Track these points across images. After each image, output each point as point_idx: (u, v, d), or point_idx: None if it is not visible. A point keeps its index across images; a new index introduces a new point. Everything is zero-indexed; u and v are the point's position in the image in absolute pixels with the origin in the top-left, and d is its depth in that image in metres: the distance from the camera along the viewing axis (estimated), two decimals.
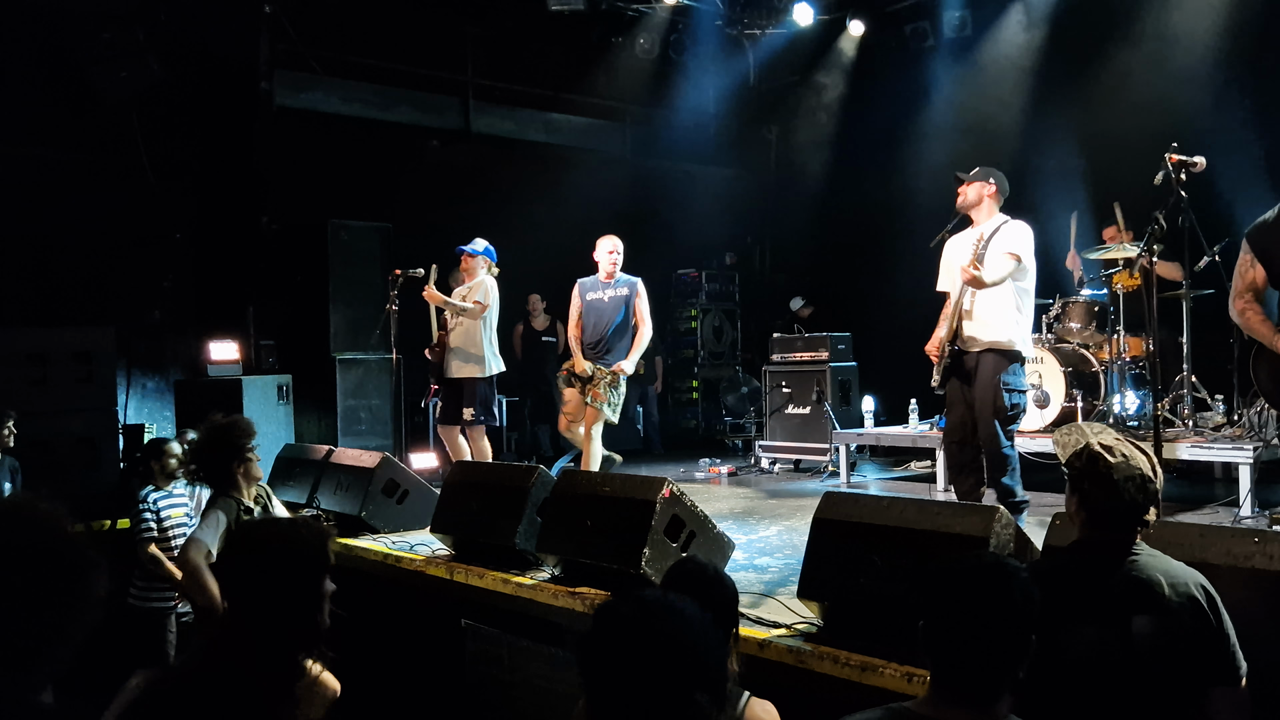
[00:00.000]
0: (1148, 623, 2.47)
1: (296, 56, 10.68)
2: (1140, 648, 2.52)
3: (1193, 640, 2.57)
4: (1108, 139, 10.06)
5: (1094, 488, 2.67)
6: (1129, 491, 2.64)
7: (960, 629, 2.22)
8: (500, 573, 5.61)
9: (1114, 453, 2.67)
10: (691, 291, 14.10)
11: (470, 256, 8.35)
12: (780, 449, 10.52)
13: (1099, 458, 2.66)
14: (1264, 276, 4.42)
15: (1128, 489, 2.64)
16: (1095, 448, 2.68)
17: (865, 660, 3.78)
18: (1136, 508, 2.66)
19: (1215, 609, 2.62)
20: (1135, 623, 2.55)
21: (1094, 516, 2.72)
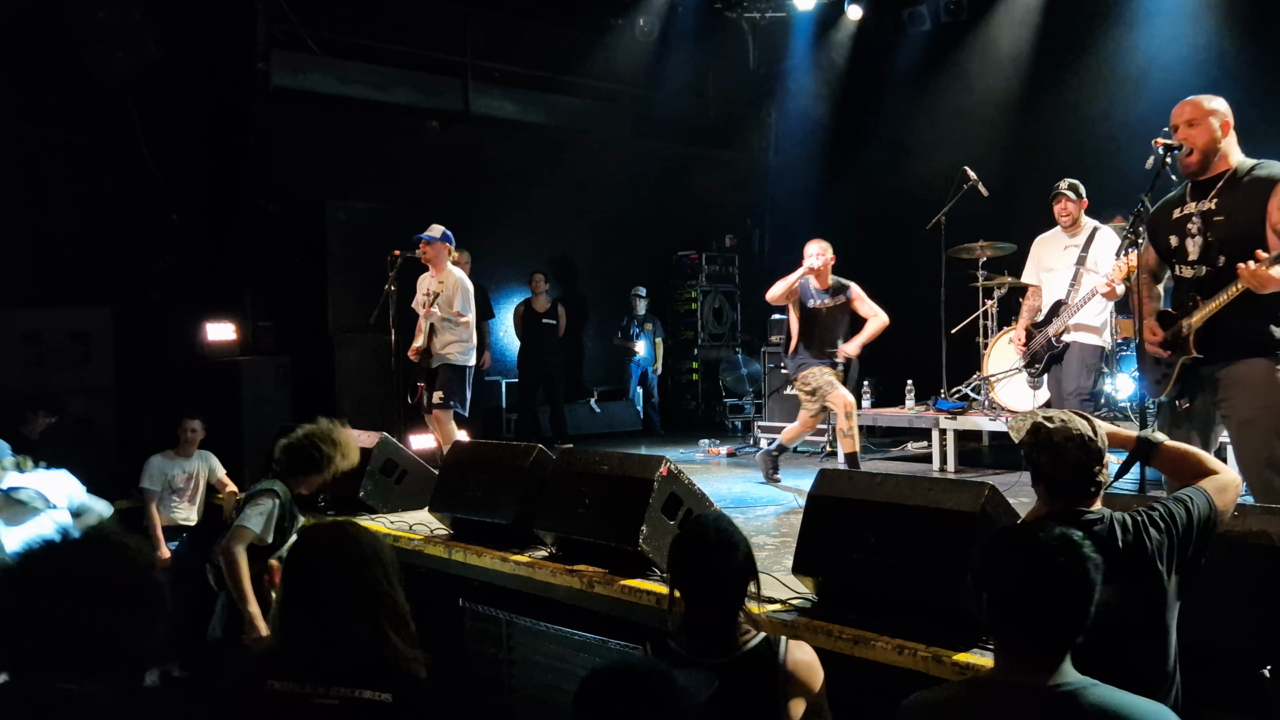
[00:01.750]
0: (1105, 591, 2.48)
1: (294, 37, 10.64)
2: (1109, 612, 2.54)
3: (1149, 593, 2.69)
4: (1103, 121, 10.09)
5: (1041, 455, 2.76)
6: (1071, 451, 2.72)
7: (1031, 601, 2.26)
8: (499, 551, 5.63)
9: (1054, 420, 2.77)
10: (691, 273, 14.10)
11: (429, 244, 8.23)
12: (779, 430, 10.51)
13: (1040, 427, 2.77)
14: (1154, 258, 4.45)
15: (1069, 449, 2.72)
16: (1038, 420, 2.79)
17: (858, 634, 3.81)
18: (1082, 466, 2.73)
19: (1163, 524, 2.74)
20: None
21: (1049, 485, 2.79)
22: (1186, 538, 2.72)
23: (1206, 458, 2.99)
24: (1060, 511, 2.75)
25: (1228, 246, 4.15)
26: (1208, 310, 4.14)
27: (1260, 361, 4.12)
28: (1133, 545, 2.68)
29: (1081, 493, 2.76)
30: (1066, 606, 2.26)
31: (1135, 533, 2.69)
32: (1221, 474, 2.89)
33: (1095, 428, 2.79)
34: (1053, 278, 7.05)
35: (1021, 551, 2.33)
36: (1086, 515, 2.72)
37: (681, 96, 14.26)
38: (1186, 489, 2.85)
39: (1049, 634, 2.26)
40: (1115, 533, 2.69)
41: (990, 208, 9.13)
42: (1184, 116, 4.29)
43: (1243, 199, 4.16)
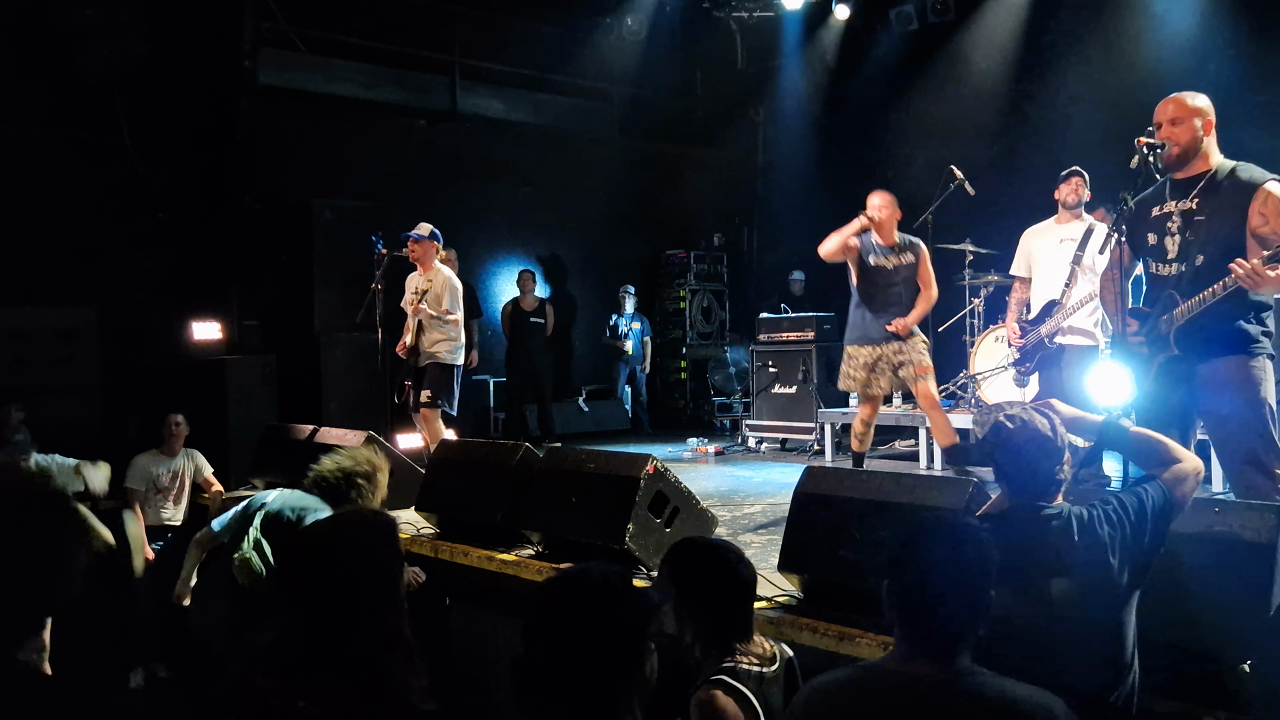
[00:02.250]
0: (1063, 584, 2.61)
1: (281, 35, 10.62)
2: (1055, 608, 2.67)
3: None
4: (1089, 120, 10.12)
5: (1001, 455, 2.82)
6: (1030, 451, 2.77)
7: (918, 585, 2.29)
8: (485, 550, 5.63)
9: (1014, 420, 2.80)
10: (680, 272, 14.11)
11: (417, 243, 8.21)
12: (767, 428, 10.55)
13: (1001, 427, 2.81)
14: (1128, 255, 4.47)
15: (1029, 449, 2.77)
16: (999, 420, 2.83)
17: (843, 630, 3.82)
18: (1040, 466, 2.78)
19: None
20: (1053, 585, 2.68)
21: (1009, 484, 2.85)
22: (1140, 530, 2.75)
23: (1172, 445, 3.01)
24: (1020, 507, 2.80)
25: (1207, 246, 4.17)
26: (1189, 308, 4.16)
27: (1237, 359, 4.15)
28: (1088, 539, 2.70)
29: (1041, 491, 2.80)
30: (951, 593, 2.27)
31: (1091, 527, 2.72)
32: (1183, 462, 2.92)
33: (1055, 427, 2.82)
34: (1045, 273, 6.88)
35: (910, 537, 2.36)
36: (1045, 510, 2.75)
37: (670, 95, 14.27)
38: (1144, 481, 2.89)
39: (938, 622, 2.27)
40: (1072, 527, 2.72)
41: (976, 207, 9.15)
42: (1167, 115, 4.31)
43: (1224, 201, 4.18)
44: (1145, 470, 3.01)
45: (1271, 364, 4.21)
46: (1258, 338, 4.17)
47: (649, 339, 13.28)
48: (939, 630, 2.27)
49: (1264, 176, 4.16)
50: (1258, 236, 4.06)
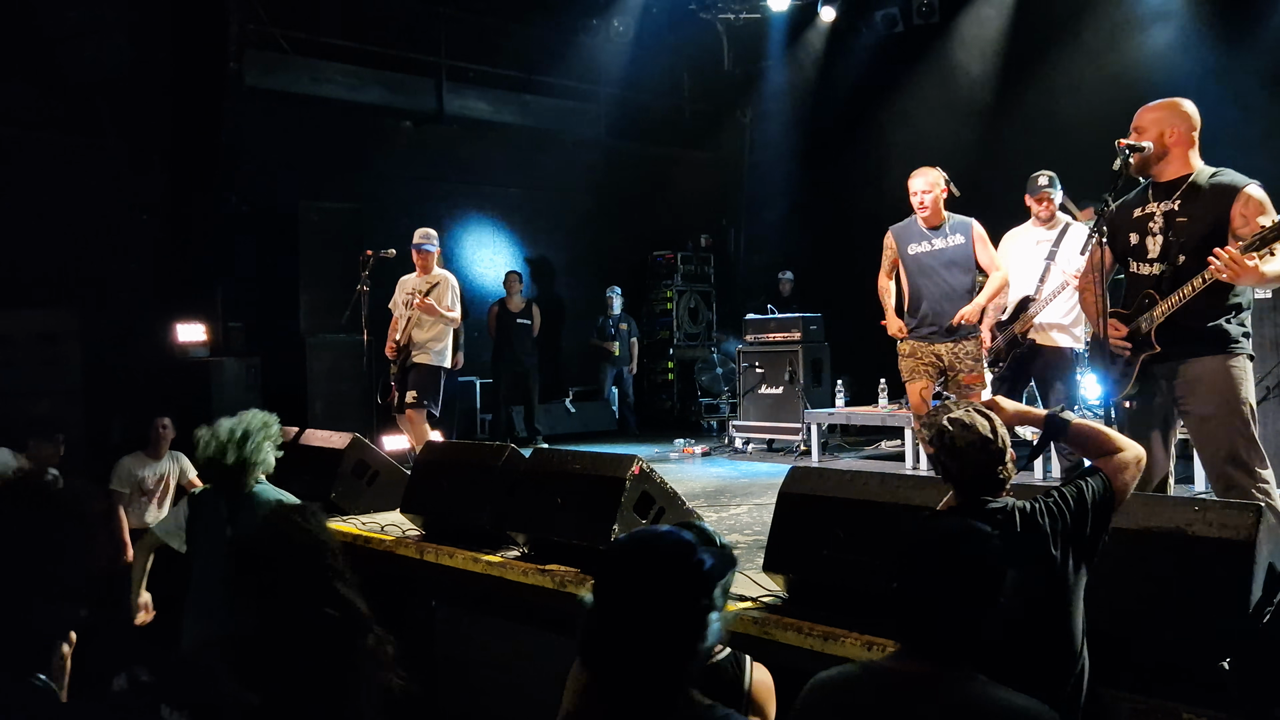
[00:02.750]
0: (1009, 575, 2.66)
1: (267, 36, 10.60)
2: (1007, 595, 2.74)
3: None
4: (1073, 122, 10.16)
5: (946, 459, 2.92)
6: (973, 455, 2.87)
7: (922, 588, 2.32)
8: (470, 552, 5.61)
9: (956, 424, 2.90)
10: (667, 273, 14.13)
11: (429, 254, 8.25)
12: (754, 429, 10.56)
13: (944, 432, 2.91)
14: (1110, 257, 4.49)
15: (971, 453, 2.87)
16: (941, 424, 2.93)
17: (828, 630, 3.82)
18: (984, 468, 2.88)
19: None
20: None
21: (955, 485, 2.96)
22: (1081, 520, 2.85)
23: (1113, 435, 3.08)
24: (967, 504, 2.91)
25: (1188, 247, 4.22)
26: (1170, 305, 4.20)
27: (1215, 359, 4.19)
28: (1031, 531, 2.81)
29: (985, 490, 2.90)
30: (956, 597, 2.30)
31: (1033, 519, 2.82)
32: (1124, 451, 3.01)
33: (996, 427, 2.91)
34: (1021, 272, 6.87)
35: (918, 541, 2.39)
36: (990, 505, 2.86)
37: (656, 97, 14.29)
38: (1086, 472, 2.99)
39: (945, 628, 2.30)
40: (1015, 519, 2.82)
41: (962, 208, 9.16)
42: (1149, 119, 4.35)
43: (1206, 203, 4.24)
44: (1089, 461, 3.12)
45: (1251, 364, 4.25)
46: (1237, 338, 4.21)
47: (635, 340, 13.28)
48: (941, 634, 2.30)
49: (1244, 180, 4.23)
50: (1238, 237, 4.11)
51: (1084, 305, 4.83)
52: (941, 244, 6.54)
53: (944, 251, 6.51)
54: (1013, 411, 3.13)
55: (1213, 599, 2.99)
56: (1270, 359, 6.24)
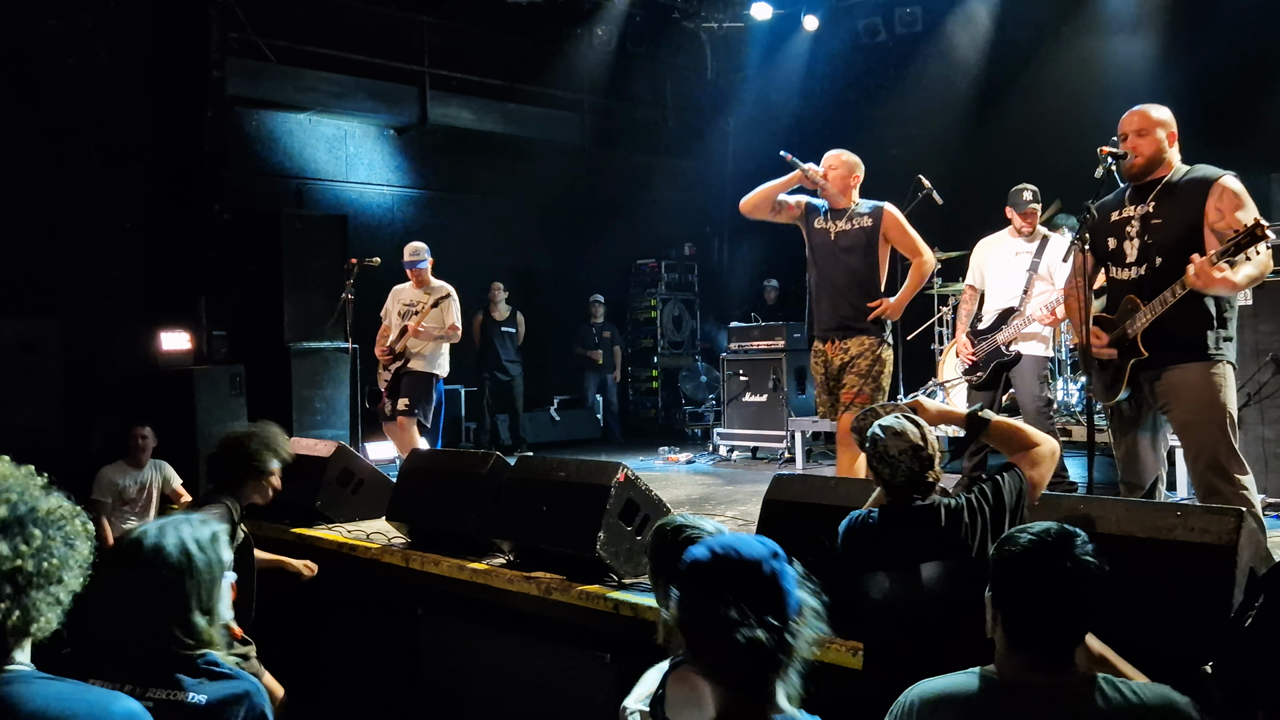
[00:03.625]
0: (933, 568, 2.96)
1: (249, 45, 10.59)
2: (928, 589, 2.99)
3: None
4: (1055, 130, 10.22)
5: (879, 465, 3.12)
6: (904, 463, 3.07)
7: (1027, 596, 2.31)
8: (456, 559, 5.61)
9: (888, 431, 3.09)
10: (651, 281, 14.15)
11: (422, 270, 8.27)
12: (738, 437, 10.58)
13: (876, 440, 3.10)
14: (1091, 263, 4.53)
15: (903, 461, 3.07)
16: (874, 432, 3.12)
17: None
18: (914, 474, 3.08)
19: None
20: (924, 570, 3.01)
21: (886, 487, 3.15)
22: (999, 512, 3.05)
23: (1029, 431, 3.30)
24: (896, 502, 3.12)
25: (1165, 249, 4.23)
26: (1153, 311, 4.21)
27: (1196, 366, 4.20)
28: (954, 525, 3.01)
29: (915, 492, 3.10)
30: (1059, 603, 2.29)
31: (957, 514, 3.02)
32: (1039, 446, 3.22)
33: (925, 434, 3.11)
34: (1001, 283, 6.88)
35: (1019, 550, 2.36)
36: (917, 503, 3.07)
37: (639, 105, 14.33)
38: (1004, 468, 3.19)
39: (1048, 631, 2.29)
40: (939, 515, 3.02)
41: (945, 215, 9.21)
42: (1133, 126, 4.37)
43: (1180, 201, 4.25)
44: (1007, 456, 3.30)
45: (1232, 370, 4.27)
46: (1219, 344, 4.22)
47: (619, 348, 13.30)
48: (1050, 641, 2.29)
49: (1218, 173, 4.24)
50: (1215, 232, 4.12)
51: (1068, 312, 4.86)
52: (845, 226, 6.05)
53: (845, 234, 6.02)
54: (935, 412, 3.41)
55: (1195, 603, 3.02)
56: (1252, 365, 6.28)
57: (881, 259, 6.01)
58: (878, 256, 6.00)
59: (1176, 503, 3.96)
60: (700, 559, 2.07)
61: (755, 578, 2.03)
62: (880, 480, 3.15)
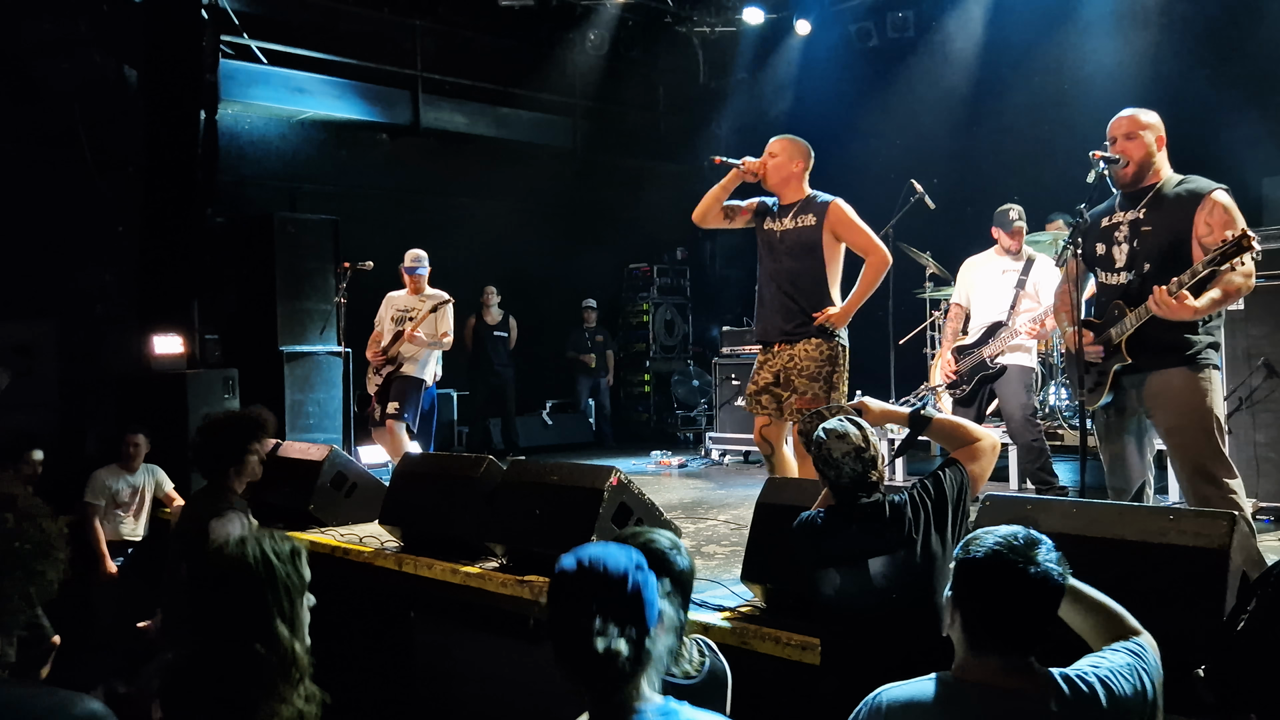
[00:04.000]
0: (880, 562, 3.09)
1: (243, 49, 10.59)
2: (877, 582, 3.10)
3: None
4: (1047, 136, 10.27)
5: (824, 468, 3.24)
6: (848, 464, 3.19)
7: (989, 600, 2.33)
8: (449, 563, 5.61)
9: (831, 434, 3.21)
10: (643, 285, 14.16)
11: (420, 277, 8.29)
12: (730, 441, 10.59)
13: (820, 443, 3.23)
14: (1081, 268, 4.56)
15: (846, 463, 3.19)
16: (818, 435, 3.24)
17: (805, 640, 3.85)
18: (857, 475, 3.20)
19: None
20: (872, 564, 3.12)
21: (832, 488, 3.27)
22: (941, 505, 3.20)
23: (969, 427, 3.46)
24: (842, 501, 3.23)
25: (1153, 255, 4.26)
26: (1138, 316, 4.24)
27: (1182, 371, 4.22)
28: (897, 519, 3.14)
29: (859, 491, 3.21)
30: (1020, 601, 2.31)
31: (900, 509, 3.16)
32: (979, 441, 3.38)
33: (867, 435, 3.24)
34: (987, 299, 6.95)
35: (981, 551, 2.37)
36: (862, 500, 3.20)
37: (632, 109, 14.34)
38: (945, 464, 3.35)
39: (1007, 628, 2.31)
40: (883, 511, 3.16)
41: (936, 220, 9.25)
42: (1122, 130, 4.40)
43: (1170, 210, 4.28)
44: (949, 451, 3.45)
45: (1217, 375, 4.29)
46: (1204, 349, 4.25)
47: (612, 352, 13.31)
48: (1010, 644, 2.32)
49: (1210, 186, 4.26)
50: (1203, 245, 4.15)
51: (1057, 315, 4.88)
52: (789, 224, 5.69)
53: (789, 233, 5.68)
54: (879, 412, 3.57)
55: (1187, 606, 3.03)
56: (1243, 370, 6.31)
57: (829, 258, 5.60)
58: (823, 255, 5.59)
59: (1169, 506, 3.98)
60: (568, 569, 2.17)
61: (619, 590, 2.12)
62: (826, 481, 3.27)
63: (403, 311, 8.19)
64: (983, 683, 2.32)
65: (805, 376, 5.49)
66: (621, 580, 2.12)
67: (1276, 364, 6.21)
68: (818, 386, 5.47)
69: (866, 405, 3.54)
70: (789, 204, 5.72)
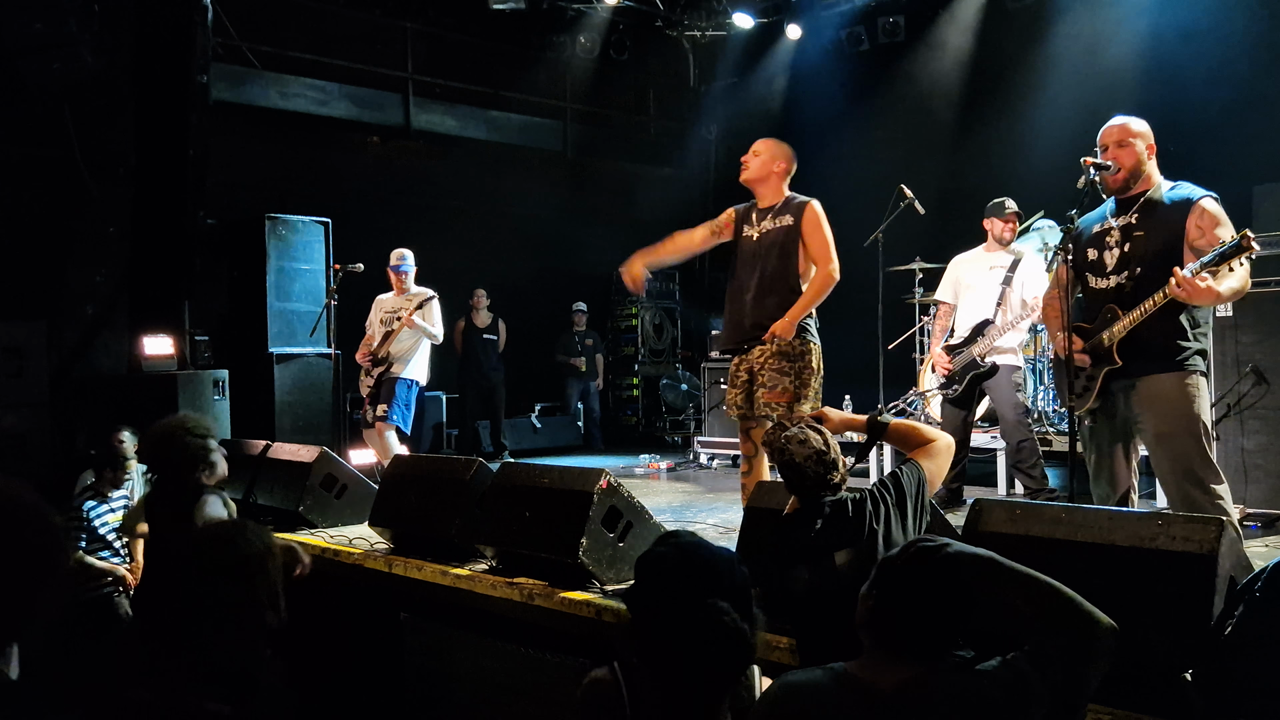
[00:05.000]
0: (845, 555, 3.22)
1: (234, 50, 10.59)
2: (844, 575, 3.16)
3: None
4: (1038, 140, 10.30)
5: (788, 472, 3.40)
6: (810, 467, 3.35)
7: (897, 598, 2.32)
8: (439, 565, 5.61)
9: (793, 441, 3.37)
10: None
11: (405, 275, 8.28)
12: (719, 445, 10.60)
13: (784, 449, 3.38)
14: (1071, 274, 4.58)
15: (809, 466, 3.35)
16: (780, 443, 3.39)
17: (794, 643, 3.85)
18: (820, 477, 3.36)
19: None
20: (837, 558, 3.24)
21: (796, 492, 3.42)
22: (901, 500, 3.36)
23: (923, 429, 3.64)
24: (808, 504, 3.37)
25: (1145, 260, 4.29)
26: (1131, 319, 4.26)
27: (1171, 376, 4.25)
28: (858, 516, 3.28)
29: (822, 491, 3.36)
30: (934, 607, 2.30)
31: (861, 506, 3.31)
32: (934, 441, 3.55)
33: (828, 440, 3.41)
34: (975, 297, 7.02)
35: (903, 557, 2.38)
36: (826, 499, 3.35)
37: (622, 113, 14.37)
38: (903, 463, 3.51)
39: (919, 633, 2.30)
40: (847, 508, 3.31)
41: (926, 225, 9.28)
42: (1113, 138, 4.44)
43: (1162, 216, 4.32)
44: (906, 453, 3.61)
45: (1204, 381, 4.32)
46: (1193, 355, 4.27)
47: (601, 356, 13.32)
48: (915, 644, 2.30)
49: (1200, 193, 4.31)
50: (1194, 249, 4.18)
51: (1047, 320, 4.91)
52: (769, 225, 5.62)
53: (767, 235, 5.61)
54: (838, 420, 3.72)
55: (1176, 611, 3.05)
56: (1233, 376, 6.35)
57: (803, 258, 5.53)
58: (799, 255, 5.52)
59: (1158, 511, 4.00)
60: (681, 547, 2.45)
61: (732, 575, 2.42)
62: (791, 487, 3.43)
63: (391, 314, 8.19)
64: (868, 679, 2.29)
65: (774, 369, 5.44)
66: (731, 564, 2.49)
67: (1265, 370, 6.24)
68: (787, 380, 5.40)
69: (826, 414, 3.71)
70: (766, 206, 5.68)
